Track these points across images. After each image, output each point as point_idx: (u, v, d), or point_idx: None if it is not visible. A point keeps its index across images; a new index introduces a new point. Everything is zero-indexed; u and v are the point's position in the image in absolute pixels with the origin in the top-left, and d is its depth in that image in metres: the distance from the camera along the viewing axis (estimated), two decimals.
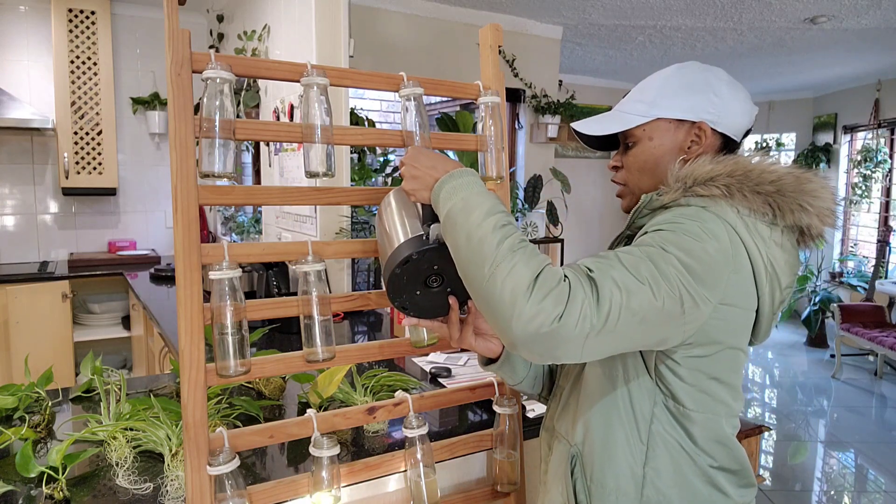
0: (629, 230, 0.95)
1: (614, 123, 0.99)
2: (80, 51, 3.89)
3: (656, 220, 0.86)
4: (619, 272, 0.76)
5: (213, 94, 0.99)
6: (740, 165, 0.87)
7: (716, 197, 0.85)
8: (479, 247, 0.79)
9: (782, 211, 0.86)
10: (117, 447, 1.21)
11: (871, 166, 6.18)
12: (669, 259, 0.78)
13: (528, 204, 4.37)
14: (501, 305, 0.74)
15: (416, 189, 0.94)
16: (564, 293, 0.72)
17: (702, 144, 0.95)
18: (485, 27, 1.30)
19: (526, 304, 0.72)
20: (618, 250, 0.80)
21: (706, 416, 0.88)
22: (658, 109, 0.96)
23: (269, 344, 2.10)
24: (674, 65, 1.00)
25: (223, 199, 1.07)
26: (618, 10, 4.02)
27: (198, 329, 1.00)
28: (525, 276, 0.73)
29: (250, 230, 3.87)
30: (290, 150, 2.91)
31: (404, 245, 0.95)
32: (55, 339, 3.63)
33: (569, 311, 0.71)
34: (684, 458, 0.89)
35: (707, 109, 0.94)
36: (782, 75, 6.07)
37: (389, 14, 3.84)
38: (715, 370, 0.87)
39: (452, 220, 0.85)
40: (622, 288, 0.74)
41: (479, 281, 0.77)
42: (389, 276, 0.96)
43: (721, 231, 0.82)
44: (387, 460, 1.19)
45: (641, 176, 0.98)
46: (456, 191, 0.87)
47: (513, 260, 0.75)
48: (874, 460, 3.67)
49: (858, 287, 6.02)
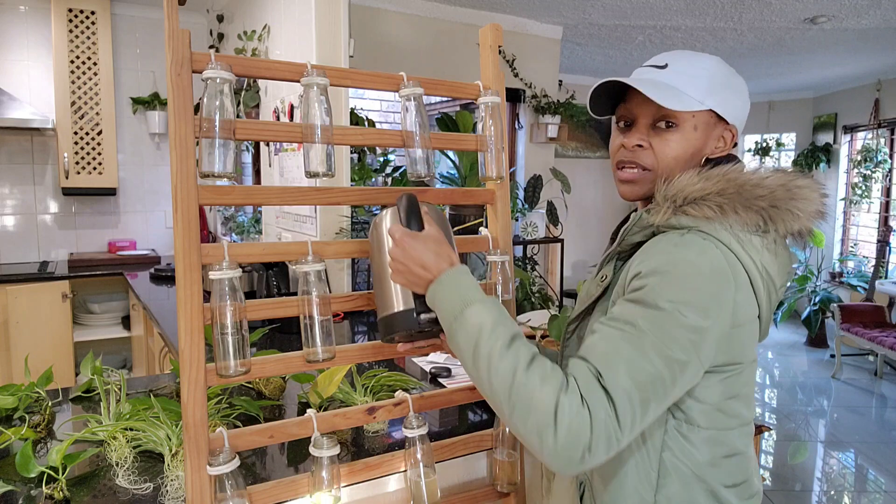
0: (619, 247, 0.92)
1: (673, 99, 0.86)
2: (80, 51, 3.89)
3: (649, 252, 0.83)
4: (630, 367, 0.75)
5: (213, 94, 0.99)
6: (732, 182, 0.83)
7: (707, 218, 0.82)
8: (490, 377, 0.78)
9: (775, 222, 0.84)
10: (117, 447, 1.20)
11: (871, 166, 6.18)
12: (675, 317, 0.76)
13: (528, 204, 4.37)
14: (529, 444, 0.75)
15: (407, 286, 0.94)
16: (586, 421, 0.72)
17: (725, 147, 0.92)
18: (485, 27, 1.30)
19: (553, 441, 0.72)
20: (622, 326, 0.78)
21: (720, 432, 0.87)
22: (713, 100, 0.89)
23: (269, 344, 2.10)
24: (707, 54, 0.93)
25: (223, 199, 1.07)
26: (618, 10, 4.02)
27: (198, 329, 1.00)
28: (546, 413, 0.72)
29: (250, 230, 3.87)
30: (290, 150, 2.91)
31: (400, 316, 0.97)
32: (55, 339, 3.63)
33: (595, 438, 0.72)
34: (696, 482, 0.87)
35: (738, 115, 0.92)
36: (782, 75, 6.07)
37: (389, 14, 3.84)
38: (735, 387, 0.86)
39: (456, 345, 0.84)
40: (637, 387, 0.74)
41: (500, 412, 0.78)
42: (387, 336, 1.02)
43: (717, 257, 0.80)
44: (387, 460, 1.19)
45: (676, 166, 0.89)
46: (450, 303, 0.85)
47: (527, 393, 0.74)
48: (874, 460, 3.67)
49: (858, 287, 6.02)
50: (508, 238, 1.32)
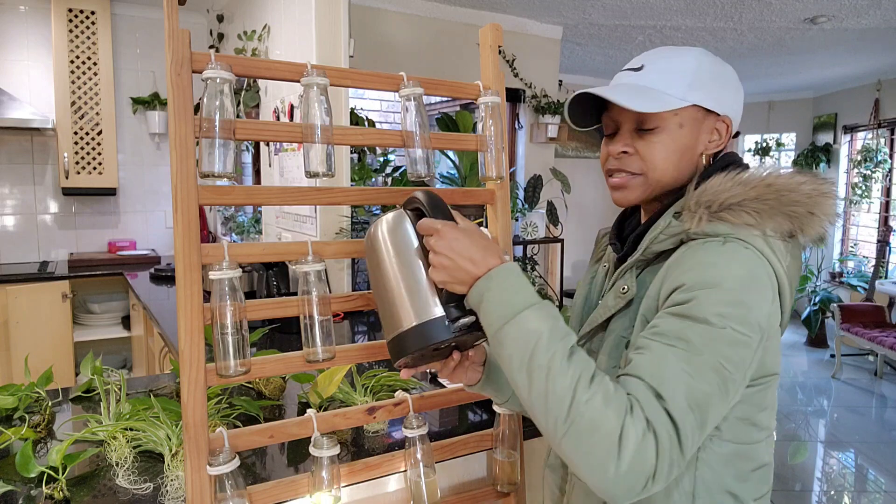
0: (643, 255, 0.87)
1: (650, 102, 0.84)
2: (80, 51, 3.90)
3: (690, 264, 0.78)
4: (691, 387, 0.71)
5: (213, 94, 0.99)
6: (770, 188, 0.80)
7: (747, 224, 0.79)
8: (546, 395, 0.70)
9: (805, 228, 0.81)
10: (117, 447, 1.20)
11: (871, 166, 6.18)
12: (728, 334, 0.73)
13: (528, 204, 4.37)
14: (588, 470, 0.68)
15: (448, 283, 0.83)
16: (652, 448, 0.67)
17: (721, 140, 0.88)
18: (485, 27, 1.30)
19: (615, 469, 0.66)
20: (675, 342, 0.73)
21: (749, 446, 0.85)
22: (696, 94, 0.85)
23: (269, 344, 2.10)
24: (692, 47, 0.90)
25: (223, 199, 1.07)
26: (618, 10, 4.02)
27: (198, 329, 1.00)
28: (610, 437, 0.67)
29: (250, 230, 3.87)
30: (290, 150, 2.91)
31: (424, 328, 0.85)
32: (55, 339, 3.63)
33: (660, 466, 0.68)
34: (729, 498, 0.84)
35: (731, 105, 0.89)
36: (782, 75, 6.07)
37: (389, 14, 3.84)
38: (766, 399, 0.85)
39: (507, 355, 0.75)
40: (697, 409, 0.70)
41: (554, 433, 0.70)
42: (405, 353, 0.88)
43: (760, 268, 0.77)
44: (387, 460, 1.19)
45: (666, 167, 0.86)
46: (501, 303, 0.76)
47: (591, 413, 0.68)
48: (874, 460, 3.67)
49: (858, 287, 6.02)
50: (508, 238, 1.32)
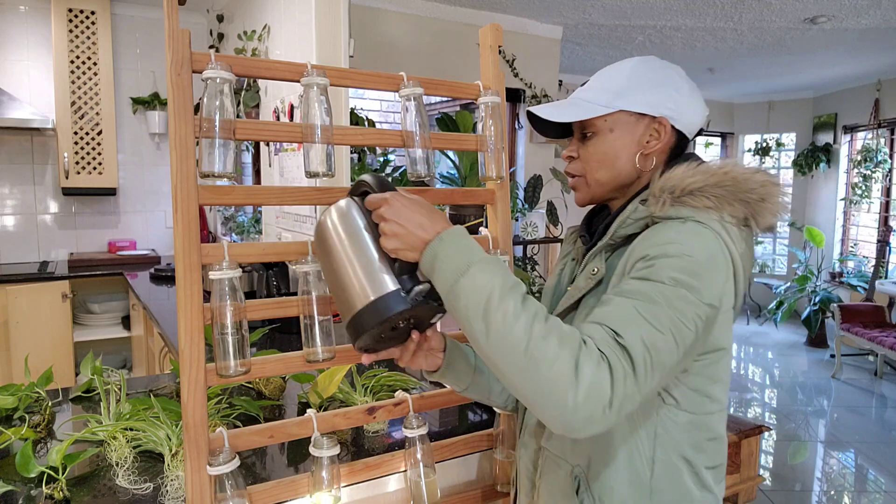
0: (611, 239, 0.94)
1: (577, 111, 0.96)
2: (80, 51, 3.90)
3: (654, 240, 0.85)
4: (645, 329, 0.76)
5: (213, 94, 0.99)
6: (728, 176, 0.88)
7: (707, 207, 0.86)
8: (504, 338, 0.74)
9: (757, 216, 0.88)
10: (117, 447, 1.21)
11: (871, 166, 6.18)
12: (681, 293, 0.79)
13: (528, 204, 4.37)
14: (546, 403, 0.72)
15: (401, 250, 0.85)
16: (607, 377, 0.72)
17: (660, 140, 0.95)
18: (485, 27, 1.30)
19: (573, 400, 0.70)
20: (634, 295, 0.80)
21: (702, 416, 0.90)
22: (622, 101, 0.95)
23: (269, 344, 2.10)
24: (635, 57, 0.99)
25: (223, 199, 1.07)
26: (618, 10, 4.02)
27: (198, 329, 1.00)
28: (565, 370, 0.71)
29: (250, 230, 3.87)
30: (290, 150, 2.91)
31: (381, 303, 0.86)
32: (55, 339, 3.63)
33: (616, 396, 0.71)
34: (684, 465, 0.90)
35: (668, 105, 0.94)
36: (782, 75, 6.07)
37: (389, 14, 3.84)
38: (716, 372, 0.90)
39: (463, 306, 0.78)
40: (651, 349, 0.75)
41: (511, 374, 0.74)
42: (364, 332, 0.88)
43: (715, 244, 0.84)
44: (387, 460, 1.19)
45: (600, 168, 0.97)
46: (455, 265, 0.80)
47: (546, 352, 0.72)
48: (874, 460, 3.67)
49: (858, 287, 6.02)
50: (508, 238, 1.32)
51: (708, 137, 7.59)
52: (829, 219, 6.85)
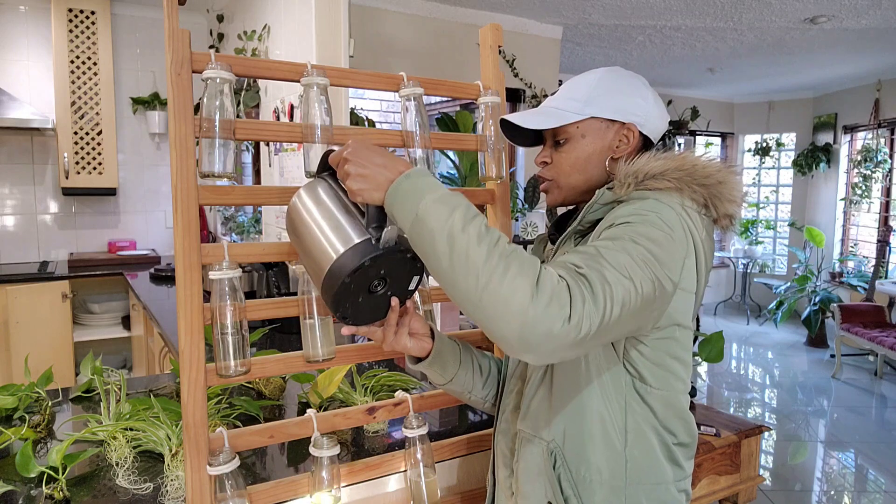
0: (580, 225, 0.98)
1: (552, 119, 1.01)
2: (80, 51, 3.90)
3: (619, 212, 0.89)
4: (606, 268, 0.78)
5: (213, 94, 0.99)
6: (687, 161, 0.93)
7: (668, 189, 0.91)
8: (468, 256, 0.75)
9: (715, 202, 0.93)
10: (117, 447, 1.21)
11: (871, 166, 6.18)
12: (640, 250, 0.82)
13: (528, 204, 4.38)
14: (506, 314, 0.72)
15: (366, 190, 0.85)
16: (566, 295, 0.73)
17: (629, 144, 1.01)
18: (485, 27, 1.30)
19: (533, 310, 0.71)
20: (598, 245, 0.83)
21: (669, 393, 0.94)
22: (593, 108, 1.00)
23: (269, 344, 2.10)
24: (602, 68, 1.06)
25: (223, 199, 1.07)
26: (618, 10, 4.02)
27: (198, 329, 1.00)
28: (526, 283, 0.72)
29: (250, 230, 3.87)
30: (290, 150, 2.91)
31: (351, 252, 0.86)
32: (55, 339, 3.63)
33: (574, 312, 0.72)
34: (655, 437, 0.94)
35: (636, 112, 1.00)
36: (782, 75, 6.07)
37: (389, 14, 3.84)
38: (675, 349, 0.93)
39: (428, 229, 0.79)
40: (611, 283, 0.77)
41: (473, 291, 0.74)
42: (338, 287, 0.87)
43: (676, 221, 0.88)
44: (387, 460, 1.19)
45: (572, 172, 1.02)
46: (419, 194, 0.81)
47: (508, 267, 0.74)
48: (874, 460, 3.67)
49: (858, 287, 6.02)
50: (508, 238, 1.31)
51: (708, 137, 7.59)
52: (829, 219, 6.86)
